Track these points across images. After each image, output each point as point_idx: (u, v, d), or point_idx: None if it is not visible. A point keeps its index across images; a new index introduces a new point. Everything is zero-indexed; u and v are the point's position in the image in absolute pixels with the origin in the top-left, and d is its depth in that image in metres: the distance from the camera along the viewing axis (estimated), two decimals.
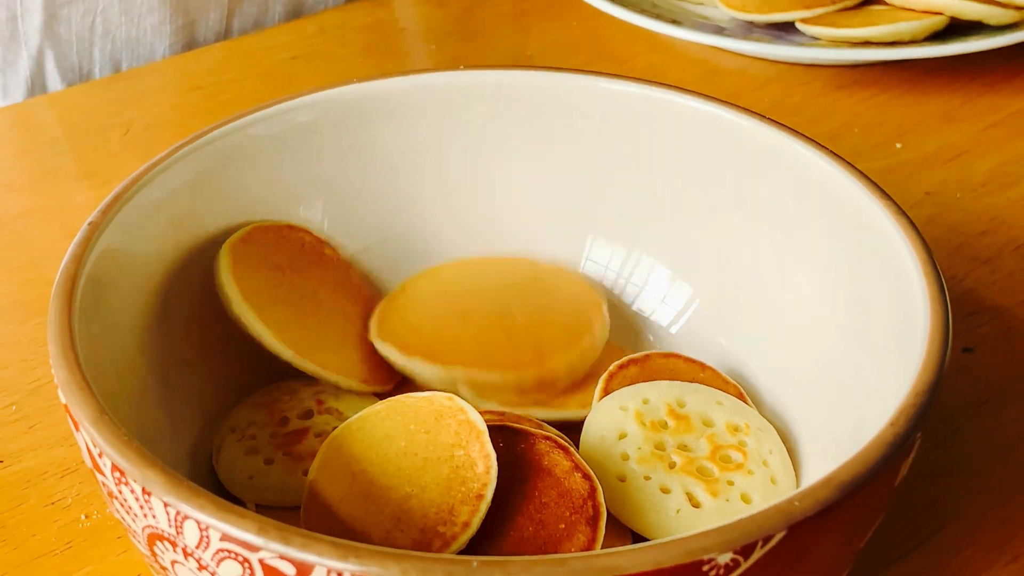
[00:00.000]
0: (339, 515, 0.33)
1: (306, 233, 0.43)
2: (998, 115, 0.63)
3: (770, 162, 0.41)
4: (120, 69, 0.73)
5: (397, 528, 0.32)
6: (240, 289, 0.38)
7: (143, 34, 0.70)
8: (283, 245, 0.42)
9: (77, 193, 0.58)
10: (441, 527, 0.32)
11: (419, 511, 0.33)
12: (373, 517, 0.33)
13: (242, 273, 0.39)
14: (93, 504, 0.41)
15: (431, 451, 0.34)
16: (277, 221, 0.42)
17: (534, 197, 0.45)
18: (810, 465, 0.37)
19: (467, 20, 0.74)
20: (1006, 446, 0.43)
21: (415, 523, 0.32)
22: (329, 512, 0.33)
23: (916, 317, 0.33)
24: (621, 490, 0.36)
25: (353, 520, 0.33)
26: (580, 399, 0.40)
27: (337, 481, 0.34)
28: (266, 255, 0.41)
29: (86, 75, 0.70)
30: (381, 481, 0.33)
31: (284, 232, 0.42)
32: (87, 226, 0.36)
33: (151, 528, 0.28)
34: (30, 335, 0.49)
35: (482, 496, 0.33)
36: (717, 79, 0.67)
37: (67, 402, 0.30)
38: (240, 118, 0.41)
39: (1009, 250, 0.52)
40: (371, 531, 0.32)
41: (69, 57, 0.69)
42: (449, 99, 0.43)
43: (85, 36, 0.69)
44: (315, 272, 0.42)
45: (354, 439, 0.35)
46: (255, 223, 0.42)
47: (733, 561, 0.26)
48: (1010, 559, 0.39)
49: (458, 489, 0.33)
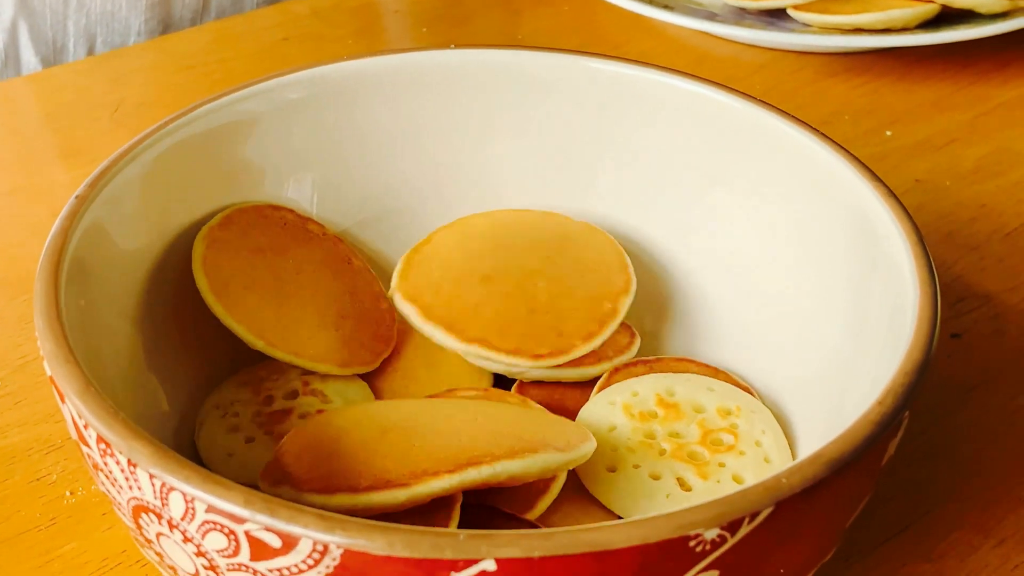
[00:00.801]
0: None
1: (288, 212, 0.42)
2: (988, 103, 0.63)
3: (760, 144, 0.40)
4: (95, 43, 0.72)
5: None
6: (210, 280, 0.38)
7: (118, 8, 0.69)
8: (264, 225, 0.41)
9: (66, 172, 0.58)
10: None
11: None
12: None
13: (216, 261, 0.39)
14: (78, 480, 0.41)
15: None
16: (257, 201, 0.42)
17: (523, 176, 0.45)
18: (805, 447, 0.37)
19: (458, 4, 0.74)
20: (994, 431, 0.43)
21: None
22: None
23: (906, 299, 0.33)
24: (611, 480, 0.36)
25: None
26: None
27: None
28: (246, 238, 0.40)
29: (60, 48, 0.70)
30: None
31: (266, 212, 0.42)
32: (74, 200, 0.35)
33: (136, 500, 0.28)
34: (17, 312, 0.49)
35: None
36: (709, 65, 0.67)
37: (53, 374, 0.30)
38: (229, 94, 0.41)
39: (998, 237, 0.53)
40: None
41: (43, 30, 0.68)
42: (439, 77, 0.43)
43: (59, 9, 0.68)
44: (298, 251, 0.41)
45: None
46: (234, 205, 0.41)
47: (720, 537, 0.26)
48: (997, 542, 0.39)
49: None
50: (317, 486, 0.31)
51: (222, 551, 0.27)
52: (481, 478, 0.31)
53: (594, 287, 0.41)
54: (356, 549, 0.25)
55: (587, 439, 0.35)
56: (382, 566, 0.25)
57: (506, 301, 0.39)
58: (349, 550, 0.25)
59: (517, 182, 0.45)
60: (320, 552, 0.26)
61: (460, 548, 0.25)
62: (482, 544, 0.25)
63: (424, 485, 0.31)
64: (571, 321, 0.39)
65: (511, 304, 0.39)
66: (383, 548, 0.25)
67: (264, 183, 0.42)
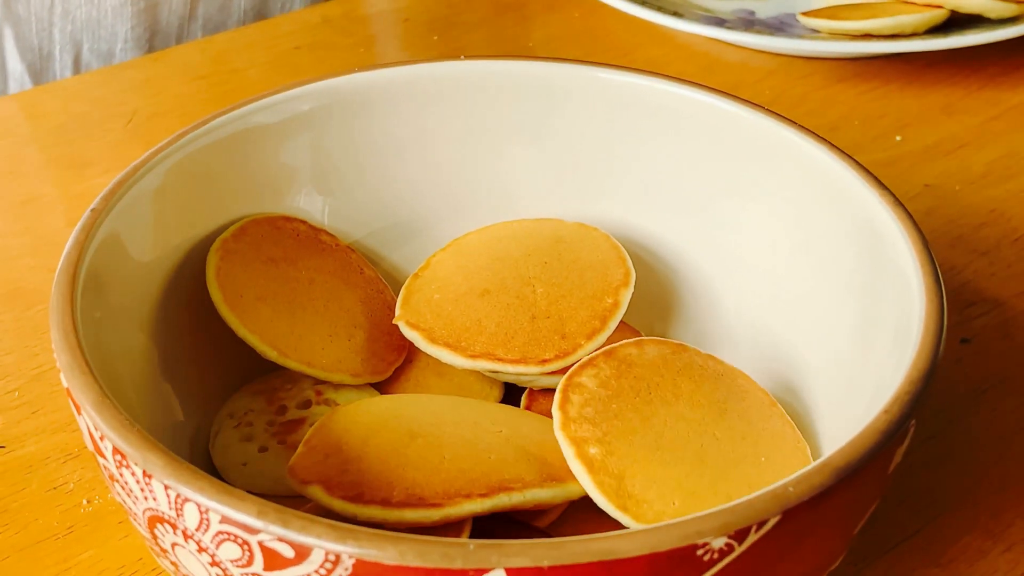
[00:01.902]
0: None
1: (301, 223, 0.43)
2: (998, 108, 0.63)
3: (769, 154, 0.41)
4: (81, 50, 0.72)
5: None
6: (223, 291, 0.38)
7: (104, 15, 0.69)
8: (277, 237, 0.42)
9: (81, 181, 0.58)
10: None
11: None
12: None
13: (230, 272, 0.39)
14: (95, 489, 0.41)
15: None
16: (271, 213, 0.42)
17: (536, 185, 0.45)
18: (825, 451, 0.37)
19: (469, 11, 0.74)
20: (1003, 436, 0.43)
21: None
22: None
23: (912, 308, 0.33)
24: None
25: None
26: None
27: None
28: (259, 249, 0.41)
29: (46, 55, 0.70)
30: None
31: (279, 224, 0.42)
32: (89, 213, 0.36)
33: (152, 511, 0.29)
34: (33, 322, 0.49)
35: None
36: (718, 71, 0.67)
37: (69, 386, 0.31)
38: (243, 106, 0.41)
39: (1008, 242, 0.53)
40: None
41: (28, 37, 0.68)
42: (450, 88, 0.44)
43: (44, 16, 0.68)
44: (311, 261, 0.42)
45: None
46: (248, 217, 0.42)
47: (727, 545, 0.26)
48: (1006, 547, 0.39)
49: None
50: (348, 493, 0.32)
51: (236, 561, 0.27)
52: (511, 504, 0.32)
53: (593, 284, 0.41)
54: (368, 559, 0.26)
55: None
56: None
57: (507, 312, 0.40)
58: (361, 560, 0.26)
59: (529, 191, 0.45)
60: (332, 562, 0.26)
61: (470, 558, 0.25)
62: (492, 554, 0.25)
63: (457, 507, 0.32)
64: (573, 321, 0.40)
65: (512, 314, 0.40)
66: (394, 558, 0.25)
67: (277, 193, 0.43)
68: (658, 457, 0.34)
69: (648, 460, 0.34)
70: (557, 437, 0.34)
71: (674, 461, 0.34)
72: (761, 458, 0.35)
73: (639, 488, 0.33)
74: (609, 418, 0.35)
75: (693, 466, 0.34)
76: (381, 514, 0.31)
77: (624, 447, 0.34)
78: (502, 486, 0.32)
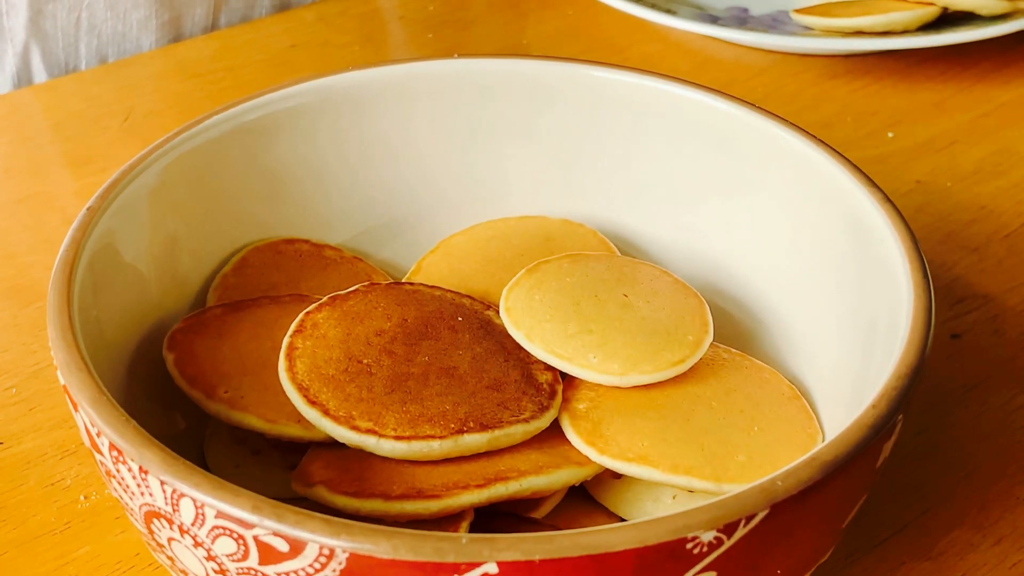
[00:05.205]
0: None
1: (303, 242, 0.43)
2: (989, 105, 0.63)
3: (760, 151, 0.41)
4: (107, 64, 0.73)
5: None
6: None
7: (129, 29, 0.70)
8: (279, 262, 0.42)
9: (77, 179, 0.58)
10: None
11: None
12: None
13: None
14: (92, 485, 0.42)
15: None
16: (272, 238, 0.43)
17: (529, 182, 0.45)
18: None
19: (463, 9, 0.74)
20: (992, 431, 0.44)
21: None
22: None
23: (900, 304, 0.34)
24: (617, 485, 0.36)
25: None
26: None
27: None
28: (261, 278, 0.41)
29: (72, 71, 0.70)
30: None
31: (280, 248, 0.43)
32: (86, 211, 0.36)
33: (148, 506, 0.29)
34: (31, 319, 0.49)
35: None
36: (712, 68, 0.68)
37: (66, 383, 0.31)
38: (238, 104, 0.41)
39: (998, 238, 0.53)
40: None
41: (55, 53, 0.69)
42: (443, 86, 0.44)
43: (71, 32, 0.68)
44: (314, 281, 0.42)
45: None
46: (250, 245, 0.42)
47: (716, 539, 0.27)
48: (994, 541, 0.40)
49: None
50: (350, 489, 0.33)
51: (231, 555, 0.28)
52: (508, 493, 0.33)
53: None
54: (361, 553, 0.26)
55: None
56: (387, 569, 0.26)
57: None
58: (354, 554, 0.26)
59: (522, 189, 0.45)
60: (327, 556, 0.26)
61: (463, 552, 0.26)
62: (484, 548, 0.26)
63: (455, 499, 0.32)
64: None
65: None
66: (388, 552, 0.26)
67: (272, 191, 0.43)
68: (642, 413, 0.35)
69: (632, 414, 0.35)
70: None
71: (657, 417, 0.35)
72: (754, 428, 0.36)
73: (612, 431, 0.35)
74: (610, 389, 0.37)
75: (676, 422, 0.35)
76: (383, 507, 0.32)
77: (610, 403, 0.36)
78: (498, 476, 0.33)
